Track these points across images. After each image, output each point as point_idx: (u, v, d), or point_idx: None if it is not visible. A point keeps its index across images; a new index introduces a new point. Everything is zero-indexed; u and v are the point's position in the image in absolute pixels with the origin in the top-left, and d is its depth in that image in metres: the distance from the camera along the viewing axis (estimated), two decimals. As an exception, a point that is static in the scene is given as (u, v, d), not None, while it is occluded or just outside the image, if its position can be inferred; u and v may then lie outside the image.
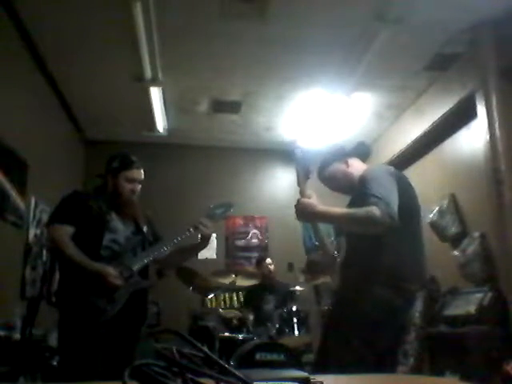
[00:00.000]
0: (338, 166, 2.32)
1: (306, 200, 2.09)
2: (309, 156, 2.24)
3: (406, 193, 2.10)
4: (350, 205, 2.16)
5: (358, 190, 2.13)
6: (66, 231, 2.34)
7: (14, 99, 3.78)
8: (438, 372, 3.84)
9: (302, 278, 4.47)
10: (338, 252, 2.28)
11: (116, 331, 2.32)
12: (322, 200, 2.16)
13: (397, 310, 1.98)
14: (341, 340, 1.98)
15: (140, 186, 2.55)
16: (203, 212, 2.61)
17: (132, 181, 2.51)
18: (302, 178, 2.19)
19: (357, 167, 2.30)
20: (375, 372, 1.59)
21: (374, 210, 1.87)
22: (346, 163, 2.32)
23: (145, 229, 2.58)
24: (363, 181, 2.08)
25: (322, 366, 2.01)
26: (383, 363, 1.95)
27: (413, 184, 2.21)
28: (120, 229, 2.46)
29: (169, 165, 6.22)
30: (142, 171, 2.55)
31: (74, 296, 2.30)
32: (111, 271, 2.29)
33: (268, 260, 4.95)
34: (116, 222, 2.46)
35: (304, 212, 2.09)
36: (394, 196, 1.95)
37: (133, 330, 2.44)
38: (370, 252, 2.02)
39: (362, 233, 2.03)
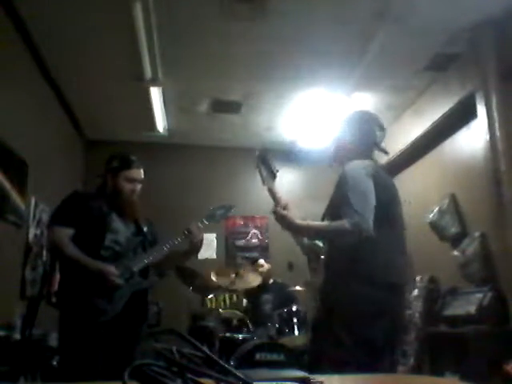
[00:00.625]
0: (350, 133, 2.25)
1: (283, 213, 2.10)
2: (270, 156, 2.26)
3: (386, 189, 2.09)
4: (329, 207, 2.16)
5: (337, 186, 2.12)
6: (65, 233, 2.34)
7: (14, 99, 3.78)
8: (438, 372, 3.85)
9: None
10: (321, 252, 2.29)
11: (116, 331, 2.32)
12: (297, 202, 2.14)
13: (380, 306, 1.97)
14: (326, 341, 2.00)
15: (140, 185, 2.55)
16: (203, 212, 2.61)
17: (132, 180, 2.51)
18: (268, 179, 2.22)
19: (353, 155, 2.20)
20: (369, 371, 1.58)
21: (347, 224, 1.89)
22: (352, 144, 2.24)
23: (145, 229, 2.58)
24: (343, 180, 2.05)
25: (315, 366, 2.02)
26: (375, 362, 1.93)
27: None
28: (121, 229, 2.46)
29: (169, 165, 6.22)
30: (141, 171, 2.55)
31: (75, 296, 2.30)
32: (112, 269, 2.29)
33: (260, 261, 4.98)
34: (117, 222, 2.46)
35: (282, 224, 2.13)
36: (371, 203, 1.94)
37: (133, 330, 2.44)
38: (348, 250, 2.02)
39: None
